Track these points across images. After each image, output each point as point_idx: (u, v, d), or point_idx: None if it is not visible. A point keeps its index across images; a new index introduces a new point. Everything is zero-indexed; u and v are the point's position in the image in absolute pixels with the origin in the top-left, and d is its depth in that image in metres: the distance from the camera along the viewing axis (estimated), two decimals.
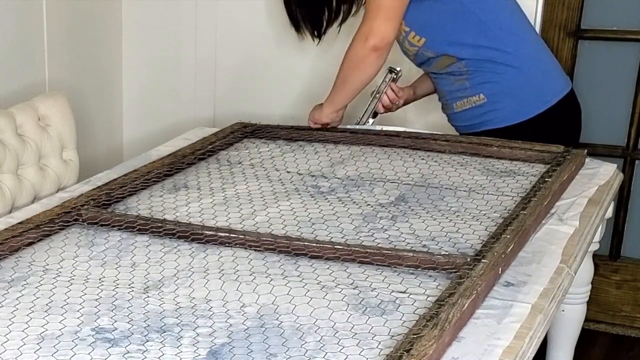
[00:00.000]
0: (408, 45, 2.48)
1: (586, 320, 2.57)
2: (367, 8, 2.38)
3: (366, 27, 2.35)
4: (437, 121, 2.81)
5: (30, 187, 2.44)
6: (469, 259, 1.64)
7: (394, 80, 2.58)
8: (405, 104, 2.70)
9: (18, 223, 1.83)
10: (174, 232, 1.81)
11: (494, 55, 2.43)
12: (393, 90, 2.59)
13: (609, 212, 2.32)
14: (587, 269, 2.44)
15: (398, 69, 2.58)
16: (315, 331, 1.43)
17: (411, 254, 1.68)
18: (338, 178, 2.20)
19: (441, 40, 2.44)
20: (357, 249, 1.72)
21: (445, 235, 1.82)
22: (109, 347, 1.38)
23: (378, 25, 2.33)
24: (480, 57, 2.42)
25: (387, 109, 2.63)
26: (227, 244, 1.77)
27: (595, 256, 2.55)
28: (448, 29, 2.42)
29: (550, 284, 1.67)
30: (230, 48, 3.37)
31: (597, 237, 2.27)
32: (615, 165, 2.39)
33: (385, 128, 2.53)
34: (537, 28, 3.02)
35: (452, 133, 2.59)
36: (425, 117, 3.06)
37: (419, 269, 1.66)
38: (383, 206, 2.00)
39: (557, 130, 2.49)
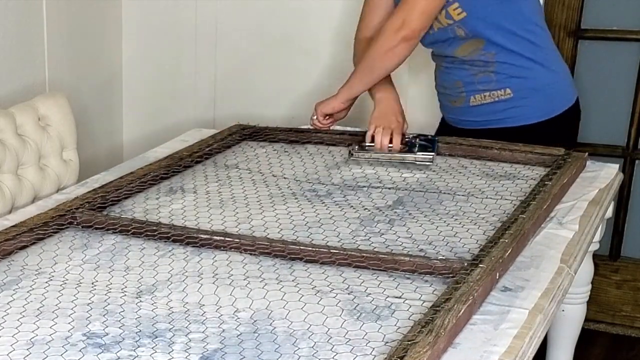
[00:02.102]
0: (443, 17, 2.36)
1: (586, 320, 2.56)
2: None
3: (400, 18, 2.31)
4: (436, 122, 2.78)
5: (30, 187, 2.43)
6: (465, 264, 1.63)
7: None
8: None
9: (12, 226, 1.82)
10: (168, 235, 1.80)
11: (526, 47, 2.39)
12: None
13: (609, 212, 2.30)
14: (587, 269, 2.43)
15: None
16: (309, 337, 1.42)
17: (407, 259, 1.67)
18: (336, 181, 2.18)
19: (482, 19, 2.35)
20: (353, 253, 1.70)
21: (442, 240, 1.80)
22: (100, 353, 1.37)
23: (412, 18, 2.30)
24: (513, 47, 2.37)
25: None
26: (222, 248, 1.76)
27: (595, 256, 2.54)
28: (490, 10, 2.35)
29: (550, 284, 1.66)
30: (230, 48, 3.35)
31: (597, 237, 2.26)
32: (618, 166, 2.37)
33: None
34: None
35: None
36: (425, 117, 3.04)
37: (415, 274, 1.64)
38: (381, 210, 1.98)
39: (567, 132, 2.50)
